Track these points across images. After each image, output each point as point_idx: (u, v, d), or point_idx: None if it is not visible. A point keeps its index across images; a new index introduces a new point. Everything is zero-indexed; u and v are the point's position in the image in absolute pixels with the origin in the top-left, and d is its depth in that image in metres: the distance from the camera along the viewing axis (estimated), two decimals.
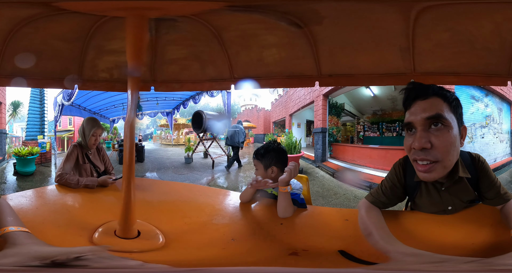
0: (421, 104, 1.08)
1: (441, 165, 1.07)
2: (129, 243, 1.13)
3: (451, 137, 1.06)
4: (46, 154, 9.88)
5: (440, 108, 1.06)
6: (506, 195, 1.20)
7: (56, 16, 1.37)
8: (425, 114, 1.06)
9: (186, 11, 1.41)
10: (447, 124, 1.05)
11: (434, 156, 1.05)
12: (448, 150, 1.06)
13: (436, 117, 1.05)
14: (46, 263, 0.70)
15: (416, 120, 1.08)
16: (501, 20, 1.31)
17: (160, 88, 2.07)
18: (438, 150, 1.05)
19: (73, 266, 0.70)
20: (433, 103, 1.07)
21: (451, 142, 1.06)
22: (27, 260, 0.71)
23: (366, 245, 1.10)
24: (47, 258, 0.71)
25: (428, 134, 1.06)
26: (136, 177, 1.26)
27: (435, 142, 1.05)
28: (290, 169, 1.37)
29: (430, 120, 1.05)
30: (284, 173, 1.38)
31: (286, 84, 1.93)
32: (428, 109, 1.06)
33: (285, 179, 1.36)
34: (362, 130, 11.84)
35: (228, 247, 1.13)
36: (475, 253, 1.01)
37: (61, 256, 0.71)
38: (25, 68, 1.78)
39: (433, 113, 1.05)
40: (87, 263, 0.70)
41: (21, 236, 0.88)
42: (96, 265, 0.71)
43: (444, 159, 1.06)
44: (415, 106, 1.10)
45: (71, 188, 1.82)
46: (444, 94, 1.09)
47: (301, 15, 1.38)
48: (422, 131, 1.06)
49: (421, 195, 1.29)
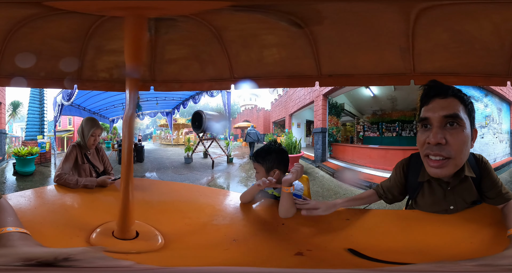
0: (439, 102, 1.11)
1: (453, 162, 1.11)
2: (126, 244, 1.12)
3: (464, 136, 1.10)
4: (46, 154, 9.86)
5: (457, 108, 1.10)
6: (507, 195, 1.22)
7: (55, 16, 1.36)
8: (443, 112, 1.09)
9: (186, 10, 1.40)
10: (462, 124, 1.09)
11: (448, 153, 1.09)
12: (461, 148, 1.10)
13: (453, 116, 1.08)
14: (29, 263, 0.69)
15: (433, 117, 1.11)
16: (501, 21, 1.32)
17: (160, 88, 2.06)
18: (452, 147, 1.09)
19: (59, 266, 0.69)
20: (451, 103, 1.11)
21: (464, 142, 1.10)
22: (11, 261, 0.70)
23: (372, 243, 1.12)
24: (34, 259, 0.70)
25: (444, 131, 1.09)
26: (136, 177, 1.26)
27: (450, 139, 1.08)
28: (296, 170, 1.35)
29: (447, 118, 1.09)
30: (289, 174, 1.36)
31: (286, 84, 1.93)
32: (446, 107, 1.10)
33: (290, 180, 1.33)
34: (362, 130, 11.84)
35: (230, 248, 1.12)
36: (473, 252, 1.02)
37: (48, 257, 0.71)
38: (25, 68, 1.78)
39: (451, 112, 1.09)
40: (75, 263, 0.70)
41: (16, 237, 0.88)
42: (84, 265, 0.70)
43: (456, 157, 1.10)
44: (433, 103, 1.13)
45: (70, 188, 1.81)
46: (462, 96, 1.13)
47: (302, 15, 1.38)
48: (438, 128, 1.10)
49: (424, 194, 1.31)
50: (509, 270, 0.77)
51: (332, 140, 10.59)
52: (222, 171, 9.08)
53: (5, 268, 0.67)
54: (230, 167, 9.97)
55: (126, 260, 0.80)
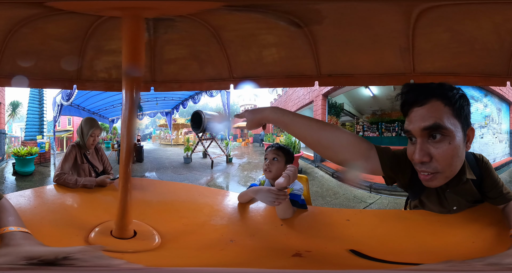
0: (418, 111, 0.97)
1: (442, 175, 1.00)
2: (124, 243, 1.12)
3: (451, 149, 0.95)
4: (45, 154, 9.86)
5: (439, 115, 0.94)
6: (508, 195, 1.20)
7: (54, 17, 1.36)
8: (422, 123, 0.94)
9: (183, 10, 1.40)
10: (447, 134, 0.94)
11: (434, 169, 0.98)
12: (449, 162, 0.98)
13: (433, 127, 0.93)
14: (32, 262, 0.71)
15: (414, 130, 0.97)
16: (501, 21, 1.31)
17: (160, 88, 2.07)
18: (438, 162, 0.97)
19: (59, 265, 0.71)
20: (430, 110, 0.95)
21: (452, 155, 0.96)
22: (15, 260, 0.72)
23: (374, 244, 1.10)
24: (35, 257, 0.72)
25: (427, 146, 0.96)
26: (135, 177, 1.26)
27: (435, 154, 0.96)
28: (288, 175, 1.23)
29: (428, 130, 0.94)
30: (281, 178, 1.25)
31: (286, 83, 1.93)
32: (426, 117, 0.94)
33: (281, 185, 1.23)
34: (361, 130, 11.85)
35: (226, 248, 1.12)
36: (476, 251, 1.01)
37: (49, 256, 0.72)
38: (24, 68, 1.78)
39: (430, 123, 0.93)
40: (74, 262, 0.71)
41: (18, 237, 0.88)
42: (82, 264, 0.72)
43: (445, 170, 0.99)
44: (412, 113, 0.98)
45: (70, 188, 1.81)
46: (445, 94, 0.96)
47: (301, 14, 1.38)
48: (421, 143, 0.96)
49: (429, 194, 1.26)
50: (509, 269, 0.77)
51: None
52: (221, 171, 9.09)
53: (9, 267, 0.68)
54: (229, 167, 9.98)
55: (117, 259, 0.81)
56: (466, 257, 0.95)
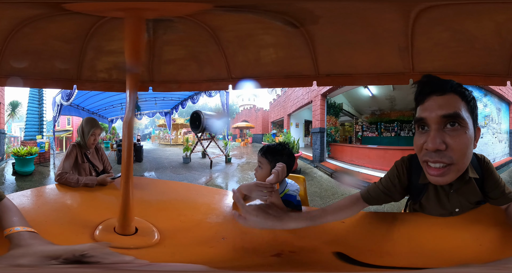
0: (437, 100, 0.97)
1: (455, 168, 0.98)
2: (127, 240, 1.15)
3: (467, 138, 0.95)
4: (45, 154, 9.86)
5: (458, 106, 0.95)
6: (510, 195, 1.18)
7: (57, 17, 1.38)
8: (441, 111, 0.94)
9: (181, 11, 1.41)
10: (464, 124, 0.95)
11: (449, 158, 0.95)
12: (465, 152, 0.96)
13: (453, 115, 0.94)
14: (61, 261, 0.71)
15: (430, 117, 0.96)
16: (501, 20, 1.31)
17: (158, 88, 2.08)
18: (454, 151, 0.95)
19: (84, 262, 0.71)
20: (450, 100, 0.96)
21: (467, 144, 0.96)
22: (37, 260, 0.72)
23: (364, 247, 1.07)
24: (55, 257, 0.72)
25: (443, 134, 0.95)
26: (135, 176, 1.28)
27: (451, 143, 0.94)
28: (277, 171, 1.18)
29: (447, 118, 0.94)
30: (271, 175, 1.19)
31: (284, 84, 1.94)
32: (445, 106, 0.95)
33: (271, 181, 1.18)
34: (360, 130, 11.86)
35: (216, 245, 1.13)
36: (485, 254, 0.99)
37: (67, 254, 0.72)
38: (25, 68, 1.79)
39: (450, 111, 0.94)
40: (90, 259, 0.72)
41: (26, 236, 0.88)
42: (97, 261, 0.73)
43: (459, 162, 0.97)
44: (429, 101, 0.98)
45: (71, 187, 1.83)
46: (463, 92, 0.98)
47: (294, 14, 1.38)
48: (437, 131, 0.95)
49: (429, 197, 1.22)
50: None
51: (331, 140, 10.61)
52: (220, 171, 9.10)
53: (32, 267, 0.69)
54: (228, 167, 9.99)
55: (128, 255, 0.82)
56: (476, 260, 0.94)
